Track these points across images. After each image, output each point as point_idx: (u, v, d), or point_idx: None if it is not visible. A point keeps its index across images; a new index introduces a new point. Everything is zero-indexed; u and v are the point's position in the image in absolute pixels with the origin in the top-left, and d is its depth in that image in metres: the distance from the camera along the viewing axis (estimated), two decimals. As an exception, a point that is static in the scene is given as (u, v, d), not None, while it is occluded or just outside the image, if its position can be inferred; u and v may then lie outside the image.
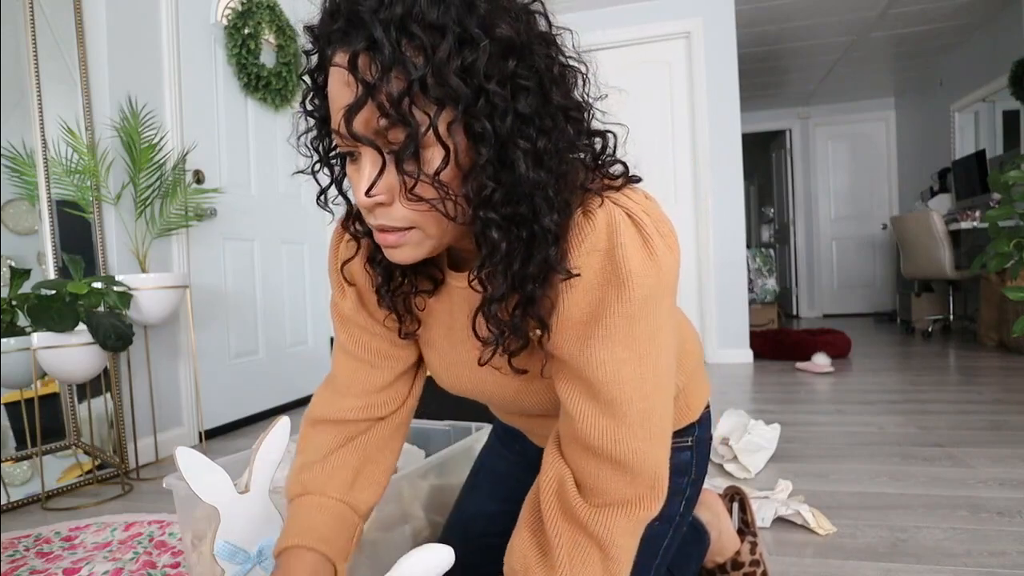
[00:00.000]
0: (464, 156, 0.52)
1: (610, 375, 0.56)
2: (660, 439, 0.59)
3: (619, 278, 0.53)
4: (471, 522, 0.95)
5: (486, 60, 0.49)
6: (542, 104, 0.53)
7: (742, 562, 1.07)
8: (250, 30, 2.72)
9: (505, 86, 0.50)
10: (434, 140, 0.50)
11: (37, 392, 1.81)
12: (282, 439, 0.75)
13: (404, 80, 0.47)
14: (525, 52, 0.52)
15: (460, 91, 0.48)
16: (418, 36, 0.47)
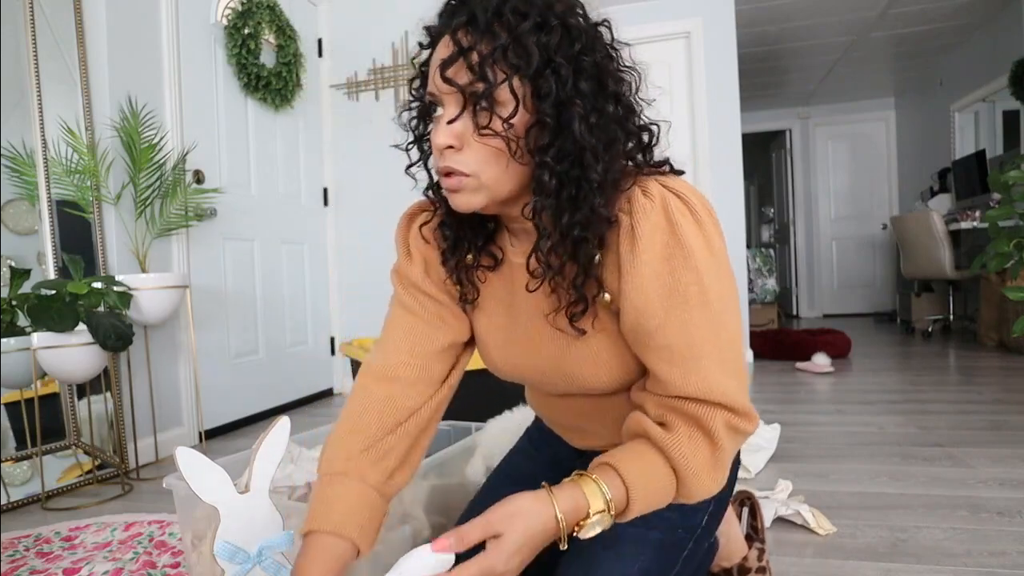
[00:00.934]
0: (529, 114, 0.62)
1: (688, 338, 0.63)
2: (740, 378, 0.66)
3: (683, 252, 0.62)
4: None
5: (556, 40, 0.60)
6: (597, 87, 0.63)
7: (749, 568, 1.07)
8: (250, 30, 2.72)
9: (569, 64, 0.61)
10: (507, 96, 0.60)
11: (37, 392, 1.81)
12: (282, 439, 0.75)
13: (490, 46, 0.59)
14: (588, 44, 0.62)
15: (533, 59, 0.59)
16: (506, 16, 0.60)
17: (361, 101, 3.37)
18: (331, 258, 3.41)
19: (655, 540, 0.76)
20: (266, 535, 0.71)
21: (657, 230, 0.62)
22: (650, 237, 0.62)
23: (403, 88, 3.28)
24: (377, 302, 3.77)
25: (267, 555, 0.71)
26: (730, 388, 0.64)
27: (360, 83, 3.35)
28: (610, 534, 0.69)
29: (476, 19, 0.60)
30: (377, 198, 3.35)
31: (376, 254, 3.36)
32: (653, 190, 0.64)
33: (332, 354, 3.41)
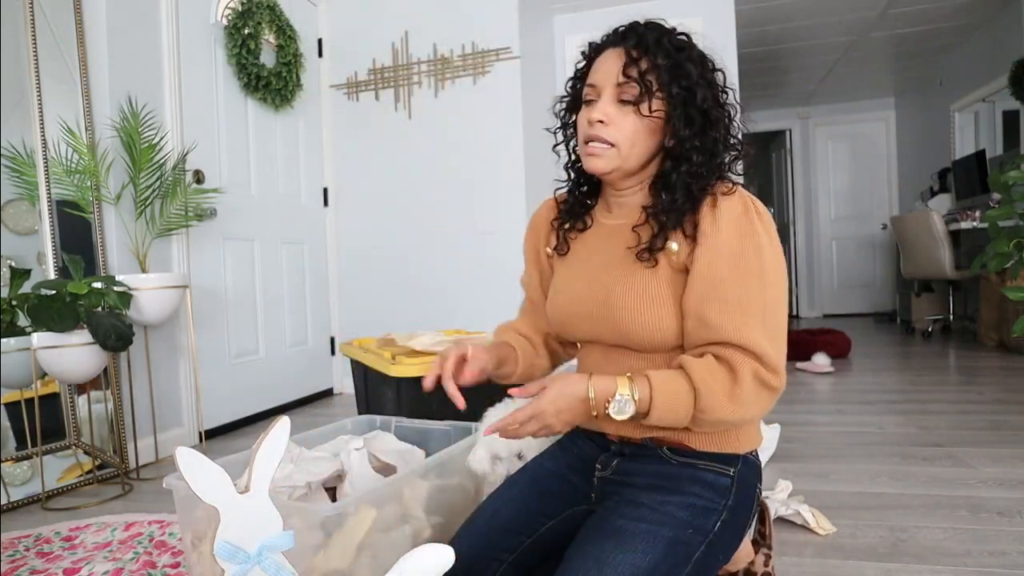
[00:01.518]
0: (668, 112, 0.87)
1: (742, 297, 0.80)
2: (778, 344, 0.80)
3: (753, 236, 0.82)
4: (503, 508, 0.97)
5: (699, 69, 0.87)
6: (715, 105, 0.88)
7: (755, 573, 1.07)
8: (250, 30, 2.72)
9: (705, 88, 0.87)
10: (657, 99, 0.86)
11: (37, 392, 1.81)
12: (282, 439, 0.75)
13: (654, 62, 0.86)
14: (715, 80, 0.89)
15: (682, 77, 0.86)
16: (666, 47, 0.87)
17: (361, 101, 3.37)
18: (331, 258, 3.41)
19: (667, 537, 0.79)
20: (266, 535, 0.71)
21: (737, 214, 0.83)
22: (730, 217, 0.82)
23: (403, 88, 3.29)
24: (377, 302, 3.79)
25: (267, 555, 0.71)
26: (765, 345, 0.78)
27: (360, 83, 3.35)
28: (621, 529, 0.80)
29: (645, 41, 0.88)
30: (377, 198, 3.35)
31: (376, 254, 3.36)
32: (735, 189, 0.86)
33: (332, 354, 3.41)
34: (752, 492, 0.89)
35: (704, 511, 0.83)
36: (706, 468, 0.86)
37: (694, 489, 0.85)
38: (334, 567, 0.91)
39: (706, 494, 0.84)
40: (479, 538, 0.94)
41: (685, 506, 0.83)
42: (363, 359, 2.06)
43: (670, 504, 0.83)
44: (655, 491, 0.85)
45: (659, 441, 0.88)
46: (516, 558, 0.93)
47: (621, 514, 0.83)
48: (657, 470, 0.88)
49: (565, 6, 3.85)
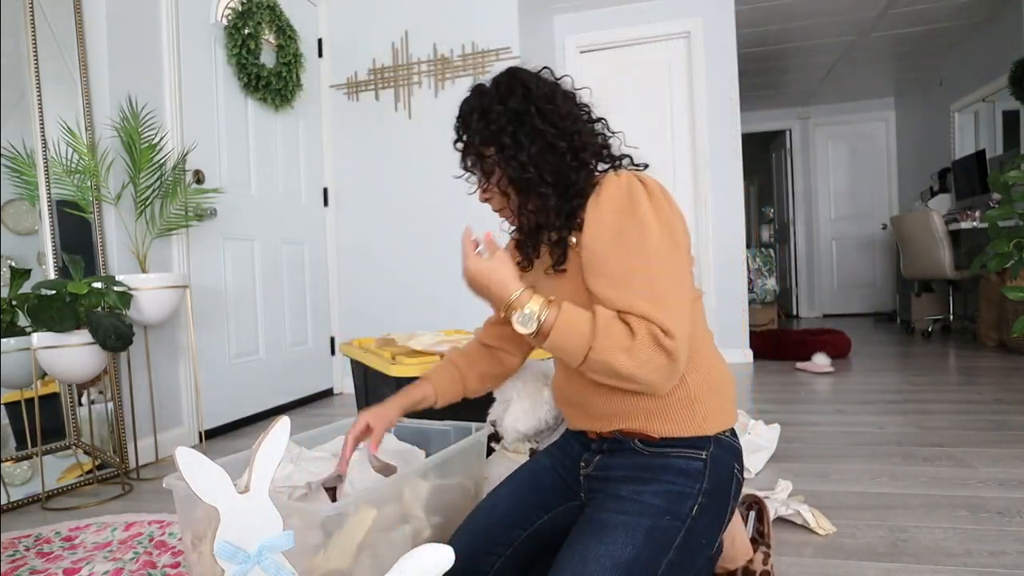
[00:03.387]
0: (505, 173, 0.96)
1: (624, 271, 0.84)
2: (669, 309, 0.81)
3: (632, 211, 0.85)
4: (499, 503, 1.02)
5: (508, 118, 0.94)
6: (543, 144, 0.93)
7: (754, 571, 1.07)
8: (250, 30, 2.72)
9: (518, 138, 0.93)
10: (492, 168, 0.97)
11: (37, 392, 1.81)
12: (282, 439, 0.75)
13: (471, 150, 0.98)
14: (528, 120, 0.94)
15: (495, 139, 0.94)
16: (474, 123, 0.96)
17: (361, 101, 3.37)
18: (331, 258, 3.41)
19: (645, 526, 0.82)
20: (266, 535, 0.71)
21: (616, 193, 0.88)
22: (609, 197, 0.88)
23: (403, 88, 3.29)
24: (377, 302, 3.79)
25: (267, 555, 0.71)
26: (652, 311, 0.81)
27: (360, 83, 3.35)
28: (603, 523, 0.83)
29: (459, 131, 0.99)
30: (377, 198, 3.35)
31: (376, 254, 3.36)
32: (623, 173, 0.91)
33: (332, 354, 3.41)
34: (729, 473, 0.89)
35: (679, 497, 0.85)
36: (677, 455, 0.88)
37: (667, 476, 0.87)
38: (334, 567, 0.90)
39: (679, 480, 0.86)
40: (477, 533, 0.97)
41: (660, 494, 0.85)
42: (363, 359, 2.06)
43: (646, 493, 0.86)
44: (632, 483, 0.88)
45: (626, 433, 0.91)
46: (514, 551, 0.96)
47: (603, 508, 0.87)
48: (633, 462, 0.90)
49: (565, 6, 3.85)
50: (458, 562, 0.67)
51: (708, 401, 0.89)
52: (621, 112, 3.91)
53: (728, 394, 0.93)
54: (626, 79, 3.92)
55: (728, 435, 0.91)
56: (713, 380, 0.91)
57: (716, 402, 0.90)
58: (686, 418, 0.88)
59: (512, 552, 0.96)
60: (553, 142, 0.94)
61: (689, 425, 0.88)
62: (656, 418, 0.88)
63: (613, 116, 1.09)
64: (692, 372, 0.89)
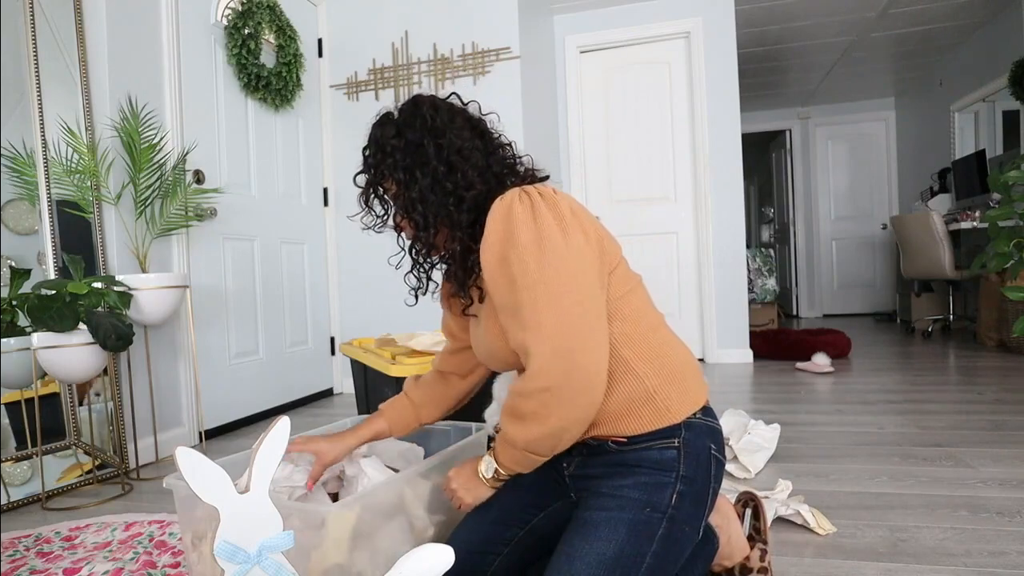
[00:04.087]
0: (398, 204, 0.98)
1: (512, 297, 0.84)
2: (552, 330, 0.81)
3: (511, 236, 0.84)
4: (496, 503, 1.02)
5: (398, 157, 0.95)
6: (433, 174, 0.94)
7: (751, 568, 1.07)
8: (250, 30, 2.72)
9: (408, 171, 0.94)
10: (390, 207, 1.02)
11: (37, 392, 1.81)
12: (282, 439, 0.75)
13: (367, 182, 1.01)
14: (420, 153, 0.94)
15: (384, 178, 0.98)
16: (369, 160, 1.00)
17: (361, 101, 3.37)
18: (331, 258, 3.41)
19: (627, 520, 0.83)
20: (266, 535, 0.71)
21: (496, 218, 0.86)
22: (492, 226, 0.86)
23: (403, 88, 3.29)
24: (377, 302, 3.78)
25: (267, 555, 0.71)
26: (535, 344, 0.81)
27: (360, 83, 3.35)
28: (587, 522, 0.85)
29: (364, 158, 1.01)
30: (377, 198, 3.34)
31: (376, 254, 3.36)
32: (507, 194, 0.88)
33: (332, 354, 3.41)
34: (706, 455, 0.88)
35: (657, 487, 0.85)
36: (650, 447, 0.88)
37: (643, 469, 0.87)
38: (332, 562, 0.91)
39: (655, 471, 0.86)
40: (476, 533, 0.98)
41: (639, 486, 0.86)
42: (363, 359, 2.06)
43: (625, 487, 0.86)
44: (611, 478, 0.89)
45: (598, 438, 0.91)
46: (511, 550, 0.97)
47: (587, 507, 0.88)
48: (609, 460, 0.91)
49: (565, 6, 3.85)
50: (457, 562, 0.67)
51: (667, 390, 0.88)
52: (621, 112, 3.92)
53: (688, 375, 0.92)
54: (626, 79, 3.92)
55: (699, 416, 0.90)
56: (667, 367, 0.90)
57: (675, 388, 0.89)
58: (649, 412, 0.87)
59: (510, 551, 0.97)
60: (441, 180, 0.93)
61: (654, 418, 0.87)
62: (621, 420, 0.88)
63: (613, 116, 1.08)
64: (644, 365, 0.88)
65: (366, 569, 0.95)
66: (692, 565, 0.96)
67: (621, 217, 3.94)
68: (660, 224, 3.93)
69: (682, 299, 3.91)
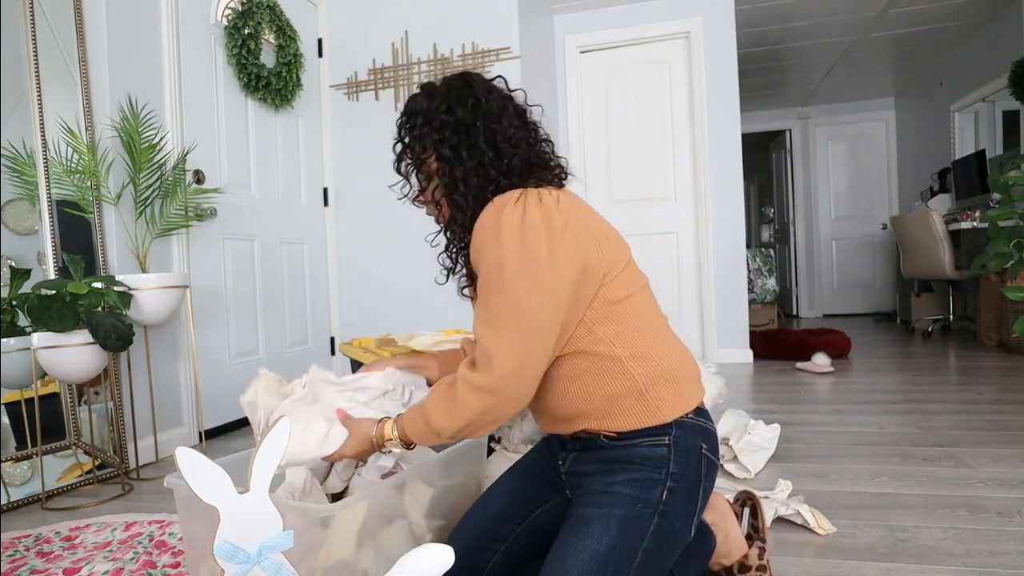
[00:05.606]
0: (438, 180, 0.97)
1: (483, 294, 0.87)
2: (510, 339, 0.83)
3: (495, 235, 0.86)
4: (493, 500, 1.04)
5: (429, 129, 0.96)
6: (468, 152, 0.94)
7: (749, 566, 1.08)
8: (250, 30, 2.72)
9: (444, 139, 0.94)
10: (427, 173, 0.99)
11: (37, 392, 1.81)
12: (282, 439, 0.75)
13: (401, 157, 1.01)
14: (456, 129, 0.94)
15: (418, 153, 0.98)
16: (404, 128, 0.99)
17: (361, 101, 3.37)
18: (331, 258, 3.41)
19: (618, 516, 0.83)
20: (266, 535, 0.71)
21: (488, 217, 0.87)
22: (482, 221, 0.88)
23: (403, 88, 3.29)
24: (377, 302, 3.78)
25: (267, 555, 0.71)
26: (488, 338, 0.84)
27: (360, 83, 3.35)
28: (580, 519, 0.86)
29: (403, 126, 0.99)
30: (377, 198, 3.34)
31: (376, 254, 3.36)
32: (506, 194, 0.89)
33: (332, 354, 3.41)
34: (696, 454, 0.89)
35: (648, 483, 0.86)
36: (641, 443, 0.88)
37: (634, 465, 0.88)
38: (336, 558, 0.91)
39: (645, 467, 0.87)
40: (473, 530, 0.99)
41: (629, 482, 0.86)
42: (363, 359, 2.06)
43: (616, 484, 0.87)
44: (604, 475, 0.89)
45: (590, 432, 0.92)
46: (508, 547, 0.98)
47: (581, 503, 0.89)
48: (602, 456, 0.91)
49: (565, 6, 3.85)
50: (455, 559, 0.67)
51: (659, 390, 0.89)
52: (621, 112, 3.92)
53: (683, 378, 0.92)
54: (626, 79, 3.92)
55: (692, 417, 0.91)
56: (662, 368, 0.90)
57: (668, 389, 0.90)
58: (640, 410, 0.88)
59: (507, 548, 0.98)
60: (486, 165, 0.93)
61: (644, 416, 0.88)
62: (612, 415, 0.89)
63: (613, 116, 1.08)
64: (637, 365, 0.89)
65: (371, 567, 0.96)
66: (688, 563, 0.97)
67: (621, 217, 3.94)
68: (660, 224, 3.93)
69: (682, 299, 3.91)
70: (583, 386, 0.90)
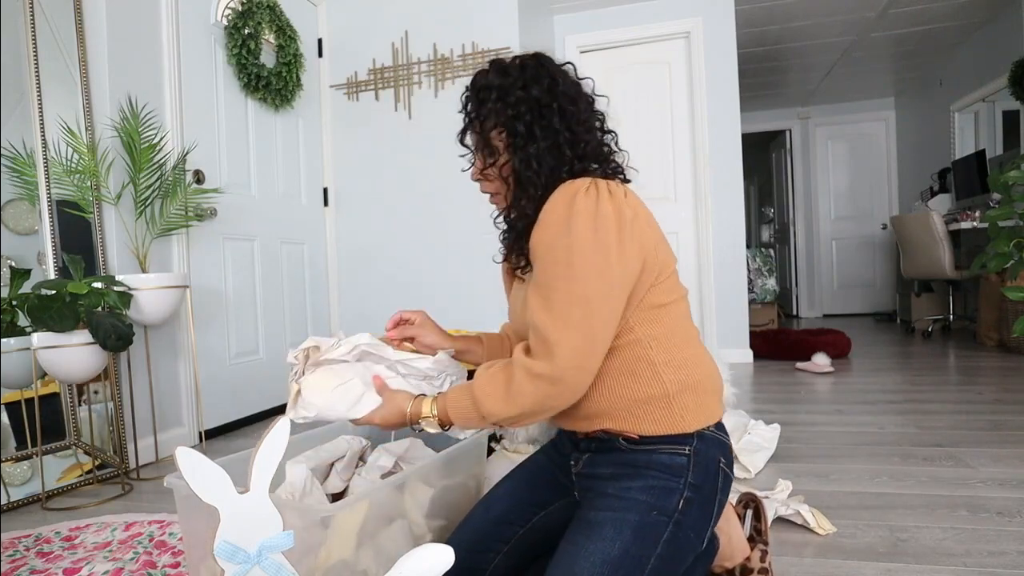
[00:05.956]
0: (506, 156, 0.96)
1: (546, 279, 0.85)
2: (575, 327, 0.82)
3: (568, 221, 0.83)
4: (496, 502, 1.03)
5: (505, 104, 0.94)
6: (544, 134, 0.92)
7: (751, 568, 1.08)
8: (250, 30, 2.72)
9: (520, 114, 0.93)
10: (495, 147, 0.96)
11: (37, 392, 1.81)
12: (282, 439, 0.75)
13: (471, 128, 0.99)
14: (535, 108, 0.93)
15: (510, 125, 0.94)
16: (479, 99, 0.96)
17: (361, 101, 3.37)
18: (331, 258, 3.41)
19: (632, 522, 0.83)
20: (266, 535, 0.71)
21: (559, 201, 0.85)
22: (553, 204, 0.86)
23: (403, 88, 3.29)
24: (377, 302, 3.78)
25: (267, 555, 0.71)
26: (548, 325, 0.82)
27: (360, 83, 3.35)
28: (592, 521, 0.85)
29: (473, 99, 0.97)
30: (377, 198, 3.35)
31: (376, 254, 3.36)
32: (579, 180, 0.87)
33: (332, 354, 3.41)
34: (715, 467, 0.89)
35: (665, 492, 0.85)
36: (661, 451, 0.88)
37: (652, 472, 0.87)
38: (336, 558, 0.91)
39: (664, 475, 0.86)
40: (475, 531, 0.99)
41: (646, 489, 0.86)
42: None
43: (633, 489, 0.86)
44: (619, 479, 0.89)
45: (609, 432, 0.91)
46: (510, 548, 0.98)
47: (592, 507, 0.88)
48: (619, 459, 0.91)
49: (565, 6, 3.85)
50: (456, 560, 0.67)
51: (686, 399, 0.89)
52: (621, 112, 3.91)
53: (709, 390, 0.93)
54: (626, 79, 3.92)
55: (713, 430, 0.91)
56: (692, 378, 0.90)
57: (695, 399, 0.90)
58: (664, 416, 0.88)
59: (509, 549, 0.98)
60: (561, 146, 0.92)
61: (668, 423, 0.88)
62: (635, 417, 0.89)
63: (613, 116, 1.07)
64: (670, 372, 0.89)
65: (371, 567, 0.96)
66: (692, 566, 0.97)
67: (621, 217, 3.94)
68: (660, 224, 3.91)
69: (682, 299, 3.90)
70: (612, 384, 0.89)
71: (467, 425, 0.91)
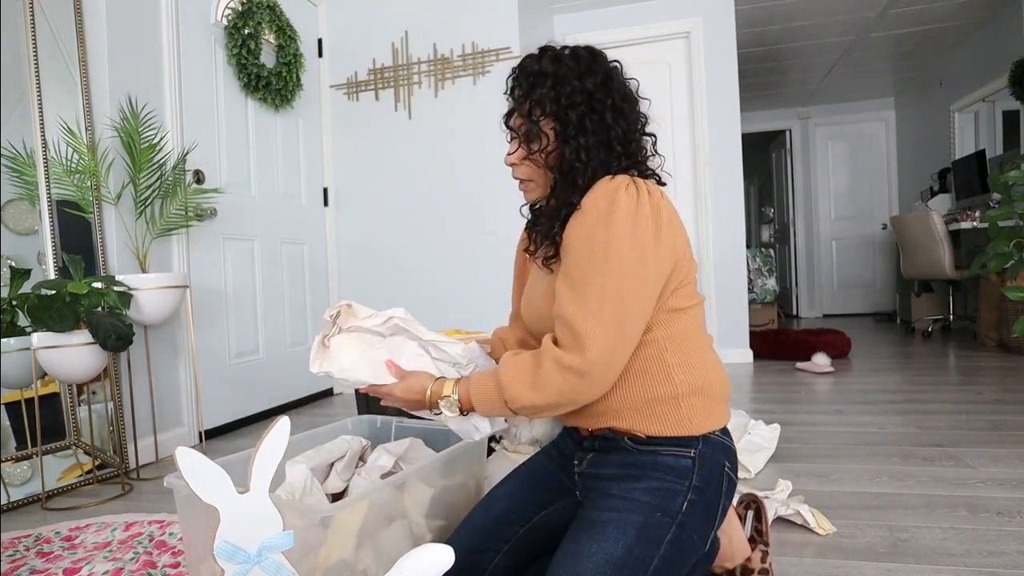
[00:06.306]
0: (553, 144, 0.94)
1: (581, 273, 0.84)
2: (608, 322, 0.82)
3: (608, 217, 0.84)
4: (497, 501, 1.03)
5: (558, 94, 0.92)
6: (592, 127, 0.92)
7: (752, 569, 1.08)
8: (250, 30, 2.72)
9: (570, 112, 0.92)
10: (541, 134, 0.94)
11: (37, 392, 1.81)
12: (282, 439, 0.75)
13: (520, 110, 0.96)
14: (587, 100, 0.92)
15: (562, 115, 0.92)
16: (529, 85, 0.95)
17: (361, 101, 3.37)
18: (331, 258, 3.41)
19: (636, 523, 0.83)
20: (266, 535, 0.71)
21: (600, 196, 0.85)
22: (594, 200, 0.86)
23: (403, 88, 3.29)
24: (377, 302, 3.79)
25: (267, 555, 0.71)
26: (579, 319, 0.82)
27: (360, 83, 3.35)
28: (595, 521, 0.85)
29: (524, 84, 0.95)
30: (377, 198, 3.35)
31: (376, 254, 3.36)
32: (619, 177, 0.88)
33: (332, 354, 3.41)
34: (719, 471, 0.89)
35: (669, 493, 0.86)
36: (666, 452, 0.88)
37: (657, 473, 0.87)
38: (336, 558, 0.91)
39: (668, 477, 0.87)
40: (475, 531, 0.99)
41: (650, 490, 0.86)
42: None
43: (637, 490, 0.86)
44: (623, 480, 0.89)
45: (616, 431, 0.91)
46: (511, 548, 0.97)
47: (596, 506, 0.88)
48: (623, 460, 0.91)
49: (565, 6, 3.85)
50: (456, 559, 0.67)
51: (694, 401, 0.89)
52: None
53: (717, 395, 0.93)
54: (626, 79, 3.92)
55: (718, 434, 0.91)
56: (702, 382, 0.91)
57: (703, 403, 0.90)
58: (672, 418, 0.89)
59: (509, 549, 0.97)
60: (611, 142, 0.92)
61: (675, 424, 0.88)
62: (643, 417, 0.89)
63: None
64: (682, 374, 0.89)
65: (371, 567, 0.96)
66: (693, 567, 0.97)
67: (621, 217, 3.94)
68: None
69: (682, 299, 3.91)
70: (624, 382, 0.89)
71: (488, 410, 0.91)
